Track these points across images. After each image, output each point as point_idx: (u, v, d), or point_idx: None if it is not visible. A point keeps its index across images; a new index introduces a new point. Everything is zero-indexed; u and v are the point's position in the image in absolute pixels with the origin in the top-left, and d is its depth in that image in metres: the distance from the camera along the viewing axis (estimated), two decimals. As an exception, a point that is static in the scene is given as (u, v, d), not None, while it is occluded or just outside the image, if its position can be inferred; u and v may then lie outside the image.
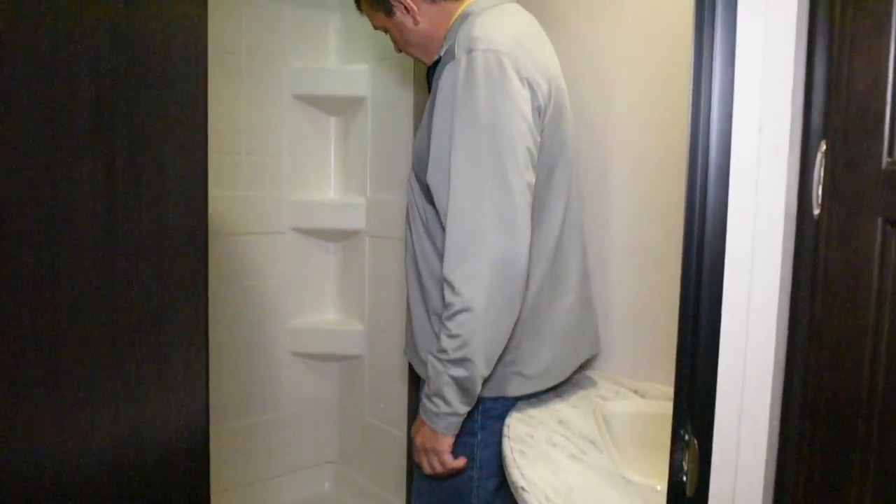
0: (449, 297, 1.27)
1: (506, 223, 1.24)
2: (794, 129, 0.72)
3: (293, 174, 2.70)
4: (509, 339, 1.34)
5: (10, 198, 0.71)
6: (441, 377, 1.29)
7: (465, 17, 1.42)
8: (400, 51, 1.62)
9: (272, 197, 2.65)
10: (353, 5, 1.66)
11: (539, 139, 1.34)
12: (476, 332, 1.25)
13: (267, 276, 2.67)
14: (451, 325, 1.26)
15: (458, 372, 1.28)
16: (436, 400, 1.32)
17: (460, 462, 1.38)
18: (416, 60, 1.61)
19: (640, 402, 1.57)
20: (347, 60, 2.71)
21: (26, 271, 0.73)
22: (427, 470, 1.40)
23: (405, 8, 1.47)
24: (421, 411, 1.37)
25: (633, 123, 1.70)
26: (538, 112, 1.33)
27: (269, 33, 2.57)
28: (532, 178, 1.30)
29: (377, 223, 2.59)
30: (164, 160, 0.79)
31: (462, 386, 1.29)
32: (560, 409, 1.49)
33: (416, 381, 2.26)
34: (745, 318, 0.72)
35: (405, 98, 2.35)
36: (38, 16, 0.70)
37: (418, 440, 1.39)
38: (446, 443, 1.36)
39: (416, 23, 1.48)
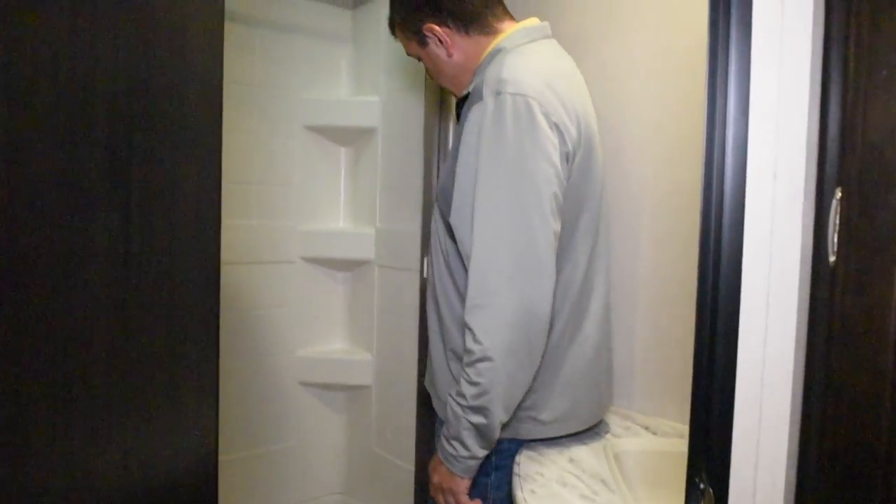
0: (469, 343, 1.24)
1: (529, 272, 1.22)
2: (809, 177, 0.72)
3: (303, 204, 2.71)
4: None
5: (28, 247, 0.71)
6: (460, 422, 1.27)
7: (497, 52, 1.40)
8: (433, 78, 1.61)
9: (282, 226, 2.66)
10: (365, 38, 1.68)
11: (566, 185, 1.31)
12: (495, 382, 1.22)
13: (276, 305, 2.67)
14: (470, 371, 1.24)
15: (477, 419, 1.25)
16: (454, 443, 1.30)
17: None
18: (448, 91, 1.62)
19: (652, 439, 1.55)
20: (358, 91, 2.73)
21: (43, 316, 0.74)
22: None
23: (438, 40, 1.46)
24: (439, 451, 1.35)
25: (645, 158, 1.70)
26: (566, 157, 1.31)
27: (281, 65, 2.60)
28: (558, 226, 1.27)
29: (386, 253, 2.59)
30: (177, 207, 0.80)
31: (481, 432, 1.27)
32: (570, 446, 1.47)
33: (427, 413, 2.24)
34: (760, 368, 0.71)
35: (415, 129, 2.37)
36: (56, 64, 0.71)
37: (436, 479, 1.37)
38: (464, 485, 1.34)
39: (449, 55, 1.47)
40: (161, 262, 0.79)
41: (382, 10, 2.53)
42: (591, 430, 1.56)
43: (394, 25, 1.56)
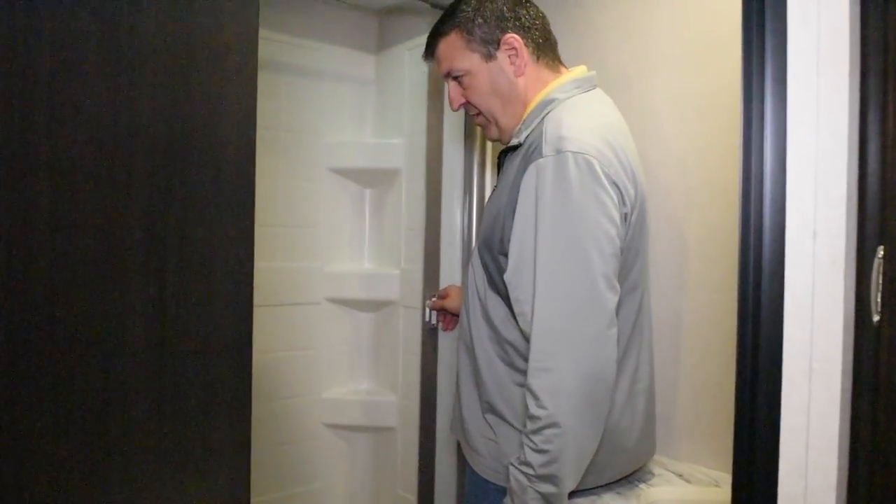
0: (533, 409, 1.19)
1: (594, 336, 1.18)
2: (850, 235, 0.71)
3: (328, 245, 2.72)
4: None
5: (69, 315, 0.73)
6: (526, 492, 1.20)
7: (549, 103, 1.36)
8: (461, 107, 1.50)
9: (307, 268, 2.67)
10: (388, 81, 1.63)
11: (622, 245, 1.28)
12: (564, 449, 1.17)
13: (301, 347, 2.67)
14: (536, 439, 1.18)
15: (546, 488, 1.19)
16: None
17: None
18: (481, 121, 1.49)
19: (686, 488, 1.52)
20: (382, 134, 2.75)
21: (84, 381, 0.76)
22: None
23: (515, 53, 1.39)
24: None
25: (671, 201, 1.69)
26: (624, 217, 1.28)
27: (307, 109, 2.63)
28: (619, 290, 1.24)
29: (411, 293, 2.58)
30: (213, 272, 0.81)
31: (548, 502, 1.20)
32: (603, 495, 1.44)
33: (456, 457, 2.22)
34: (804, 433, 0.69)
35: (437, 170, 2.38)
36: (98, 132, 0.73)
37: None
38: None
39: (517, 75, 1.40)
40: (195, 325, 0.81)
41: (405, 55, 2.57)
42: (625, 478, 1.53)
43: (442, 36, 1.45)
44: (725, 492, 1.48)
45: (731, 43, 1.55)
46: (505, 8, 1.40)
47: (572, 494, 1.40)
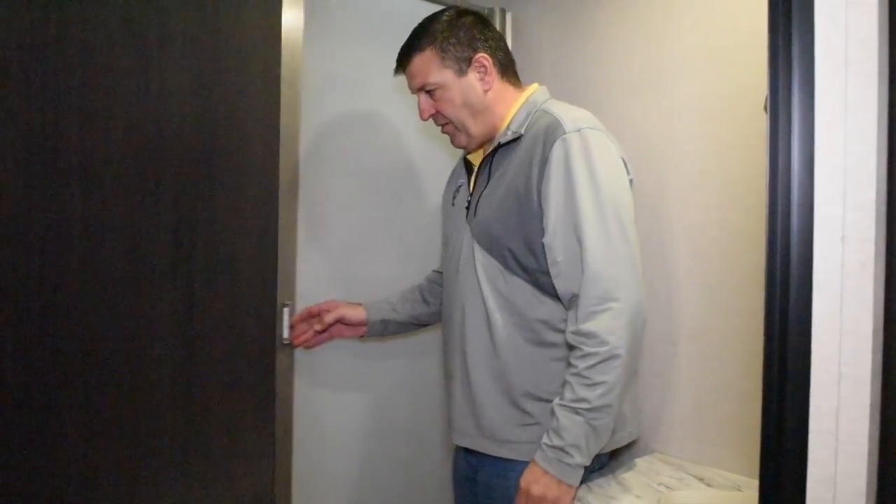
0: (589, 348, 1.33)
1: (636, 280, 1.39)
2: (879, 239, 0.70)
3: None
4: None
5: (101, 318, 0.74)
6: (579, 427, 1.33)
7: (531, 104, 1.55)
8: (430, 117, 1.60)
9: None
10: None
11: None
12: (619, 379, 1.34)
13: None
14: (592, 373, 1.33)
15: (601, 419, 1.34)
16: (572, 451, 1.35)
17: None
18: (450, 130, 1.61)
19: (708, 492, 1.51)
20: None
21: (114, 380, 0.77)
22: None
23: (485, 71, 1.55)
24: (545, 464, 1.37)
25: (690, 203, 1.68)
26: (630, 183, 1.50)
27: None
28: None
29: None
30: (239, 274, 0.82)
31: (600, 433, 1.36)
32: (622, 499, 1.44)
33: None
34: (833, 438, 0.68)
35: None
36: (128, 136, 0.74)
37: (538, 491, 1.37)
38: (572, 494, 1.39)
39: (484, 91, 1.56)
40: (221, 328, 0.82)
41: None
42: (643, 480, 1.53)
43: (416, 51, 1.55)
44: (747, 496, 1.47)
45: (751, 44, 1.54)
46: (475, 30, 1.56)
47: (588, 493, 1.42)
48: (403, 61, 1.58)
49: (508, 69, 1.60)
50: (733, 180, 1.59)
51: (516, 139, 1.51)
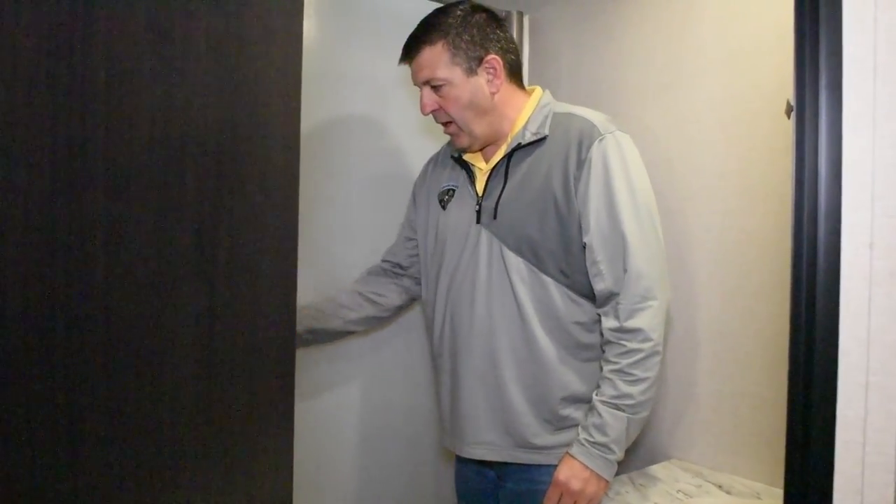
0: (635, 344, 1.37)
1: (667, 278, 1.46)
2: (907, 246, 0.69)
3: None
4: None
5: (123, 317, 0.76)
6: (622, 423, 1.37)
7: (545, 106, 1.54)
8: (431, 113, 1.55)
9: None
10: None
11: None
12: (658, 374, 1.40)
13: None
14: (635, 369, 1.37)
15: (644, 413, 1.40)
16: (614, 447, 1.38)
17: None
18: (453, 130, 1.55)
19: (727, 499, 1.49)
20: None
21: (135, 379, 0.78)
22: None
23: (494, 73, 1.51)
24: (587, 460, 1.39)
25: (709, 208, 1.67)
26: None
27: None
28: None
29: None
30: (260, 278, 0.82)
31: (640, 426, 1.42)
32: (641, 506, 1.43)
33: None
34: (860, 449, 0.67)
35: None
36: (151, 135, 0.75)
37: (577, 486, 1.39)
38: (607, 488, 1.43)
39: (492, 93, 1.51)
40: (243, 332, 0.83)
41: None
42: (661, 487, 1.52)
43: (427, 44, 1.50)
44: (766, 504, 1.45)
45: (773, 47, 1.53)
46: (488, 29, 1.51)
47: (605, 499, 1.42)
48: (411, 51, 1.52)
49: (516, 71, 1.57)
50: (753, 184, 1.58)
51: (537, 141, 1.49)
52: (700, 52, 1.69)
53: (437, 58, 1.49)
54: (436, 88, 1.51)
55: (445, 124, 1.56)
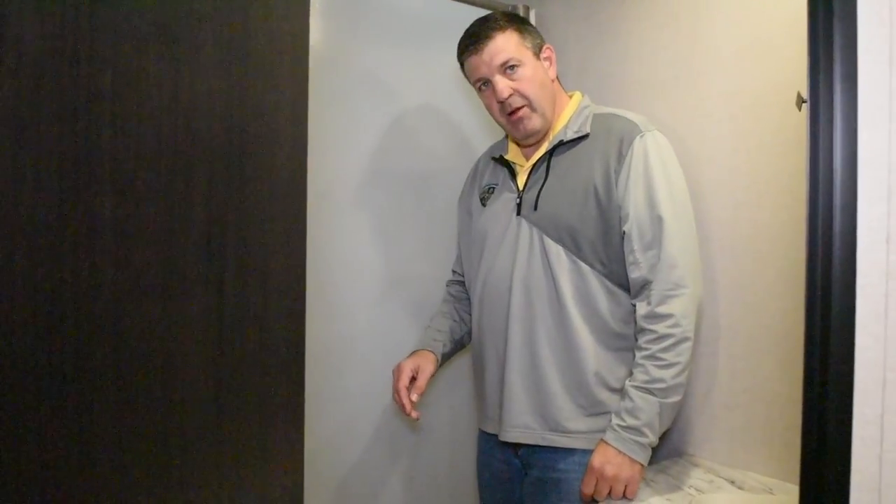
0: (665, 329, 1.42)
1: (700, 272, 1.52)
2: (925, 240, 0.68)
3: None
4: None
5: (133, 325, 0.75)
6: (654, 407, 1.42)
7: (586, 107, 1.62)
8: (506, 99, 1.55)
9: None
10: None
11: None
12: (689, 359, 1.44)
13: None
14: (666, 354, 1.42)
15: (675, 398, 1.43)
16: (646, 430, 1.42)
17: None
18: (525, 113, 1.56)
19: (739, 495, 1.48)
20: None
21: (145, 387, 0.78)
22: (614, 498, 1.45)
23: (550, 61, 1.62)
24: (619, 444, 1.43)
25: (720, 201, 1.65)
26: None
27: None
28: None
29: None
30: (268, 280, 0.82)
31: (670, 412, 1.45)
32: (652, 502, 1.42)
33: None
34: (878, 446, 0.66)
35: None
36: (158, 143, 0.74)
37: (611, 471, 1.42)
38: (643, 473, 1.47)
39: (552, 79, 1.62)
40: (252, 334, 0.82)
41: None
42: (673, 483, 1.51)
43: (498, 30, 1.55)
44: (779, 499, 1.44)
45: (783, 40, 1.51)
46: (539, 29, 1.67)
47: None
48: (480, 41, 1.55)
49: (557, 76, 1.66)
50: (765, 178, 1.57)
51: (580, 138, 1.56)
52: (709, 46, 1.68)
53: (510, 40, 1.55)
54: (511, 71, 1.55)
55: (515, 110, 1.57)
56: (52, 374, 0.71)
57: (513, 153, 1.70)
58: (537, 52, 1.59)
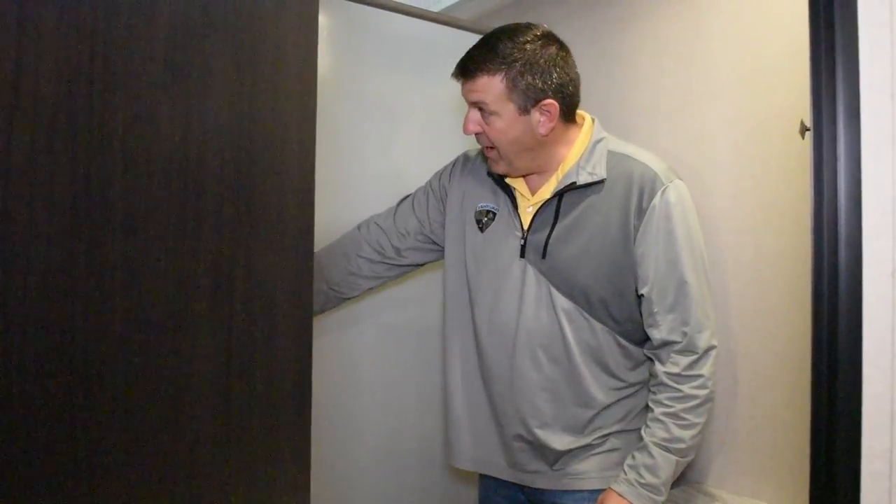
0: (691, 390, 1.40)
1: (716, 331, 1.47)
2: (930, 273, 0.68)
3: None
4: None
5: (141, 364, 0.76)
6: (672, 466, 1.39)
7: (598, 141, 1.48)
8: (472, 134, 1.47)
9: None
10: None
11: None
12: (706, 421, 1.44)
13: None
14: (690, 415, 1.40)
15: (688, 457, 1.43)
16: (662, 489, 1.40)
17: None
18: (493, 156, 1.47)
19: (747, 523, 1.47)
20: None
21: (155, 423, 0.78)
22: None
23: (549, 115, 1.42)
24: (636, 500, 1.39)
25: (723, 227, 1.66)
26: None
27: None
28: None
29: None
30: (276, 310, 0.83)
31: (681, 470, 1.44)
32: (660, 530, 1.41)
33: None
34: (887, 480, 0.66)
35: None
36: (168, 172, 0.75)
37: None
38: None
39: (543, 133, 1.43)
40: (260, 366, 0.83)
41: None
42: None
43: (486, 72, 1.41)
44: (787, 528, 1.43)
45: (787, 67, 1.52)
46: (555, 69, 1.42)
47: None
48: (467, 73, 1.43)
49: (572, 108, 1.48)
50: (768, 203, 1.57)
51: (593, 183, 1.44)
52: (711, 72, 1.69)
53: (492, 89, 1.40)
54: (483, 113, 1.44)
55: (488, 147, 1.48)
56: (64, 407, 0.72)
57: (513, 178, 1.54)
58: (529, 107, 1.41)
